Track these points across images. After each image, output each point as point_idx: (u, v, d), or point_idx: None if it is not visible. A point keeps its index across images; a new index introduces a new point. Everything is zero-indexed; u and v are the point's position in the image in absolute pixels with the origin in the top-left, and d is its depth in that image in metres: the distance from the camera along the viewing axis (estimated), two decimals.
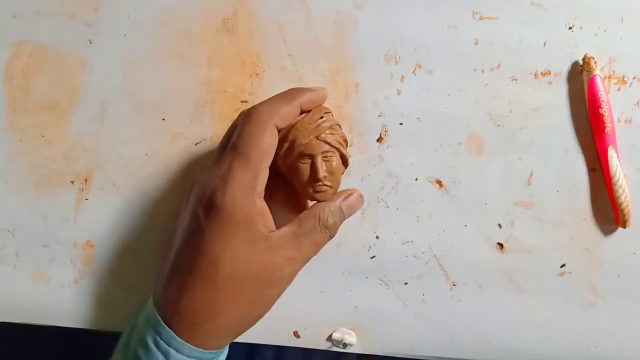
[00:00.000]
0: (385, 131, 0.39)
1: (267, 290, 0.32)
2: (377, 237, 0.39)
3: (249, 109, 0.32)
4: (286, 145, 0.32)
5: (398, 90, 0.39)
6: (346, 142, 0.34)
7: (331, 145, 0.33)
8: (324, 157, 0.32)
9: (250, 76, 0.39)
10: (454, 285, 0.39)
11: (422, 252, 0.39)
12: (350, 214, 0.34)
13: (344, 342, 0.38)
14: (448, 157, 0.39)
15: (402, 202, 0.39)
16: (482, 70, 0.39)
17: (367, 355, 0.39)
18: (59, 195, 0.39)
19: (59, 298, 0.39)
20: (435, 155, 0.39)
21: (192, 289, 0.30)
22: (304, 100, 0.32)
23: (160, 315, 0.31)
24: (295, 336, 0.39)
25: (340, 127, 0.34)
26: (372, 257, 0.39)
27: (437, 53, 0.39)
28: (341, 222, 0.33)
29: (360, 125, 0.39)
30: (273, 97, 0.33)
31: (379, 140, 0.39)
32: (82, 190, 0.39)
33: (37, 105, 0.39)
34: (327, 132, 0.33)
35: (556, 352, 0.38)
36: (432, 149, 0.39)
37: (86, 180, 0.39)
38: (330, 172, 0.33)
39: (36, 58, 0.40)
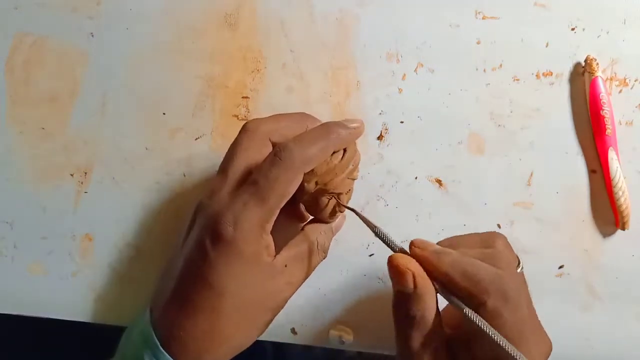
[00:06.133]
0: (386, 129, 0.39)
1: (268, 315, 0.32)
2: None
3: (282, 147, 0.30)
4: (314, 182, 0.31)
5: (399, 89, 0.39)
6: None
7: (354, 180, 0.33)
8: (347, 191, 0.33)
9: (252, 72, 0.39)
10: None
11: None
12: (337, 233, 0.36)
13: (341, 339, 0.38)
14: (448, 157, 0.39)
15: (402, 201, 0.39)
16: (484, 70, 0.39)
17: (366, 352, 0.39)
18: (59, 188, 0.39)
19: (57, 290, 0.39)
20: (435, 154, 0.39)
21: (196, 319, 0.30)
22: (339, 143, 0.31)
23: (158, 339, 0.30)
24: (293, 333, 0.39)
25: (358, 153, 0.33)
26: (370, 255, 0.39)
27: (439, 52, 0.39)
28: (330, 242, 0.35)
29: None
30: (307, 135, 0.31)
31: (380, 138, 0.39)
32: (82, 183, 0.39)
33: (37, 98, 0.39)
34: (356, 169, 0.33)
35: (553, 353, 0.38)
36: (433, 148, 0.39)
37: (86, 173, 0.39)
38: (348, 200, 0.33)
39: (38, 50, 0.40)
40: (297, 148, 0.30)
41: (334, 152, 0.31)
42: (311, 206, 0.33)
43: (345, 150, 0.32)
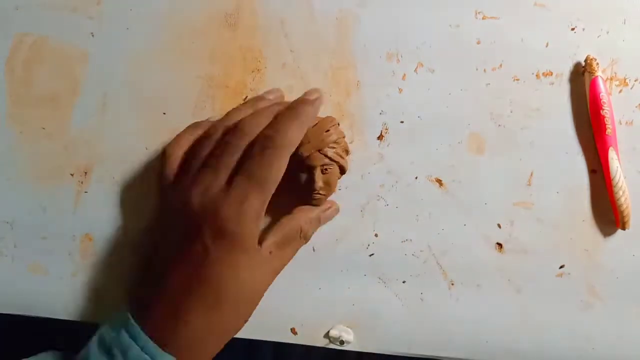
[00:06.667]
0: (386, 129, 0.39)
1: (255, 302, 0.33)
2: (376, 235, 0.39)
3: (264, 137, 0.32)
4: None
5: (399, 89, 0.39)
6: (347, 152, 0.36)
7: (331, 160, 0.34)
8: (323, 169, 0.34)
9: (252, 72, 0.39)
10: (452, 284, 0.38)
11: (421, 251, 0.38)
12: (325, 223, 0.37)
13: (341, 339, 0.38)
14: (448, 156, 0.39)
15: (402, 201, 0.39)
16: (484, 70, 0.39)
17: (366, 353, 0.39)
18: (59, 188, 0.39)
19: (56, 291, 0.39)
20: (435, 154, 0.39)
21: (195, 314, 0.30)
22: (309, 119, 0.33)
23: (150, 337, 0.30)
24: (293, 333, 0.38)
25: (344, 137, 0.36)
26: (370, 255, 0.39)
27: (439, 52, 0.39)
28: (316, 230, 0.36)
29: (361, 122, 0.39)
30: (281, 120, 0.33)
31: (380, 138, 0.39)
32: (82, 183, 0.39)
33: (38, 98, 0.39)
34: (330, 145, 0.34)
35: (553, 353, 0.38)
36: (433, 147, 0.39)
37: (86, 173, 0.39)
38: (327, 183, 0.34)
39: (38, 50, 0.40)
40: (279, 135, 0.32)
41: None
42: (290, 177, 0.34)
43: (316, 123, 0.34)
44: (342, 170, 0.36)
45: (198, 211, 0.31)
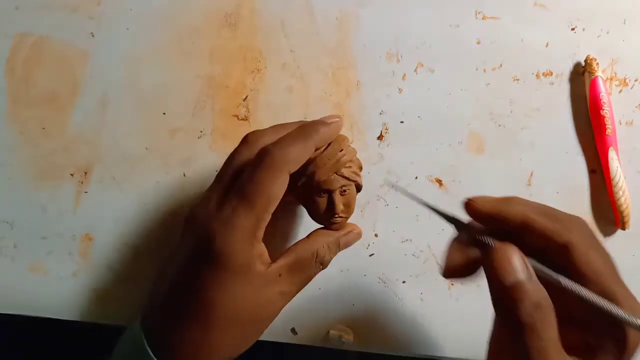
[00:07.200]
0: (386, 129, 0.39)
1: (259, 324, 0.32)
2: (375, 235, 0.39)
3: (262, 150, 0.30)
4: (304, 179, 0.32)
5: (399, 89, 0.39)
6: (361, 168, 0.34)
7: (349, 179, 0.33)
8: (342, 191, 0.32)
9: (252, 72, 0.39)
10: (452, 284, 0.38)
11: (421, 251, 0.38)
12: (345, 248, 0.34)
13: (341, 339, 0.38)
14: (448, 156, 0.39)
15: (402, 201, 0.39)
16: (484, 70, 0.39)
17: (366, 353, 0.39)
18: (59, 188, 0.39)
19: (57, 290, 0.39)
20: (435, 154, 0.39)
21: (188, 330, 0.30)
22: (319, 140, 0.31)
23: (149, 347, 0.30)
24: (293, 333, 0.39)
25: (356, 152, 0.34)
26: (370, 255, 0.39)
27: (439, 52, 0.39)
28: (335, 256, 0.33)
29: (361, 123, 0.39)
30: (287, 136, 0.31)
31: (380, 138, 0.39)
32: (82, 183, 0.39)
33: (38, 98, 0.39)
34: (346, 165, 0.32)
35: None
36: (433, 147, 0.39)
37: (86, 173, 0.39)
38: (347, 204, 0.33)
39: (38, 50, 0.40)
40: (277, 149, 0.30)
41: (317, 150, 0.32)
42: (308, 207, 0.33)
43: (329, 145, 0.33)
44: (359, 188, 0.34)
45: (193, 224, 0.31)
